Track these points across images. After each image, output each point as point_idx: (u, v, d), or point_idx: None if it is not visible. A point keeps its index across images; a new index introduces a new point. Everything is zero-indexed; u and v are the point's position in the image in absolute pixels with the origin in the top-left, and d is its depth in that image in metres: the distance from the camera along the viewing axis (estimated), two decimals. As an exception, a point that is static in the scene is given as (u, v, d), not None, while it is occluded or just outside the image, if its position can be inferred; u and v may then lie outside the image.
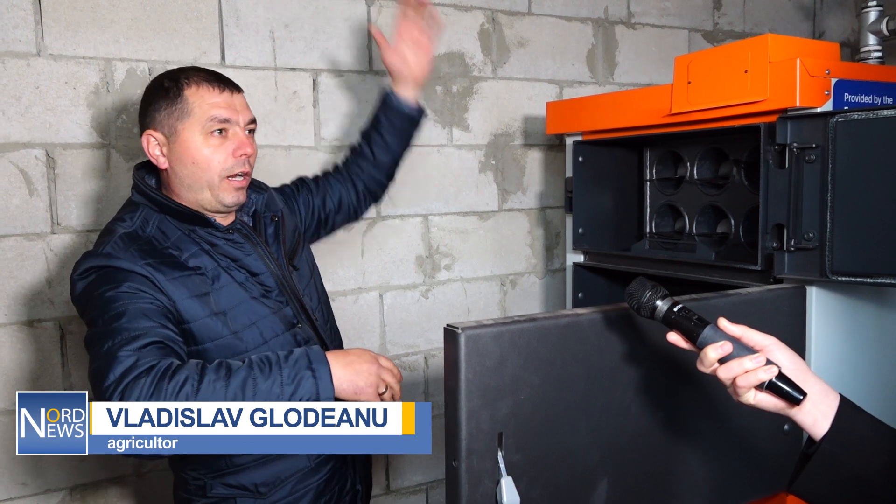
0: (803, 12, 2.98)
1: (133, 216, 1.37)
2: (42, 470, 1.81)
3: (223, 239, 1.40)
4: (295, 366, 1.20)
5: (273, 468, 1.41)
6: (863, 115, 1.35)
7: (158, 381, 1.13)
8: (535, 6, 2.41)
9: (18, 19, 1.73)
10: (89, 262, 1.30)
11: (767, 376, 0.94)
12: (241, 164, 1.39)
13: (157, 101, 1.36)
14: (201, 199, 1.39)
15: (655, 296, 1.05)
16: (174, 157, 1.37)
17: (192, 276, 1.33)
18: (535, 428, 1.11)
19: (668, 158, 2.05)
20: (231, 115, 1.38)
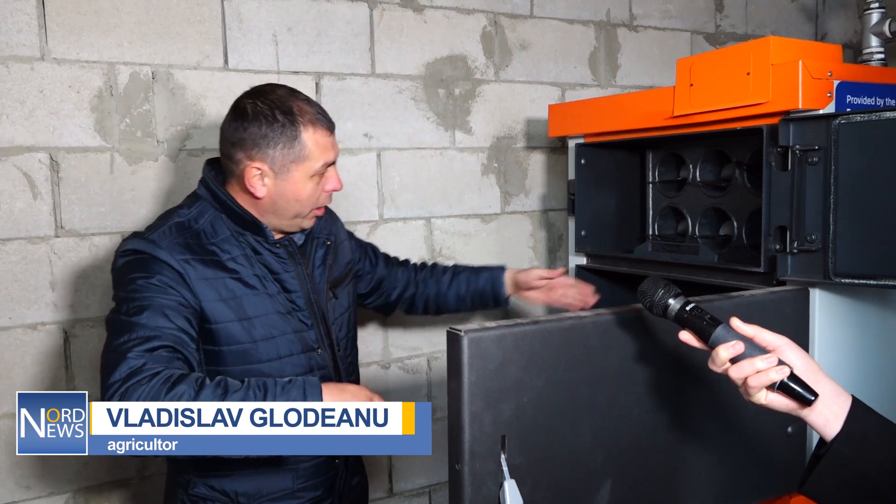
0: (805, 14, 2.98)
1: (192, 207, 1.43)
2: (46, 473, 1.82)
3: (269, 250, 1.44)
4: (288, 393, 1.20)
5: (256, 481, 1.42)
6: (865, 117, 1.35)
7: (158, 388, 1.16)
8: (537, 9, 2.42)
9: (22, 24, 1.73)
10: (135, 243, 1.35)
11: (779, 376, 0.94)
12: (328, 197, 1.48)
13: (271, 136, 1.36)
14: (285, 223, 1.45)
15: (668, 294, 1.05)
16: (277, 190, 1.40)
17: (226, 279, 1.37)
18: (539, 430, 1.11)
19: (671, 161, 2.04)
20: (335, 156, 1.45)
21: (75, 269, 1.82)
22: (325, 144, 1.41)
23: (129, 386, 1.16)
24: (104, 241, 1.84)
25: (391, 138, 2.19)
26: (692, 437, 1.29)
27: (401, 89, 2.20)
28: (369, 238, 2.17)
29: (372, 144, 2.17)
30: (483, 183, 2.36)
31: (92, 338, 1.85)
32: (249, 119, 1.38)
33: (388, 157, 2.19)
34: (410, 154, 2.22)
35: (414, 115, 2.23)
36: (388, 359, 2.24)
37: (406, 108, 2.21)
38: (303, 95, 1.45)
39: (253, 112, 1.38)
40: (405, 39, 2.20)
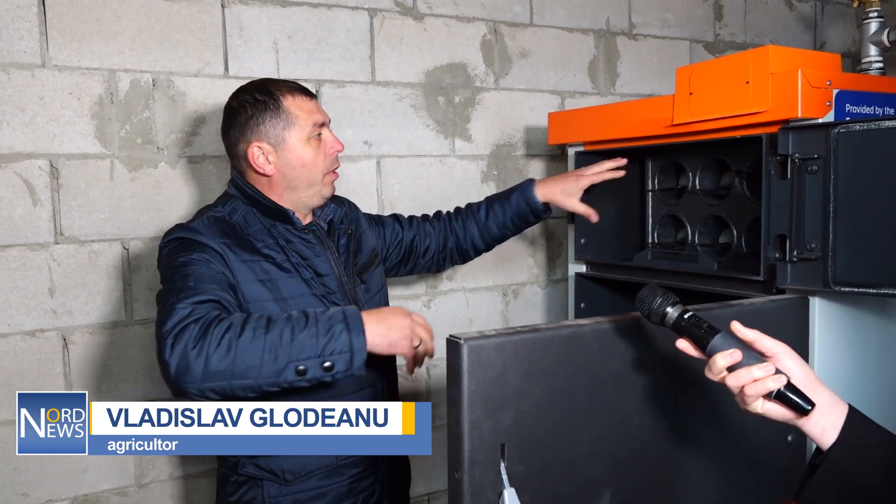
0: (804, 23, 2.99)
1: (225, 205, 1.52)
2: (44, 480, 1.81)
3: (298, 237, 1.52)
4: (330, 320, 1.26)
5: (301, 458, 1.46)
6: (864, 126, 1.35)
7: (206, 326, 1.21)
8: (537, 17, 2.42)
9: (23, 31, 1.74)
10: (177, 233, 1.43)
11: (776, 385, 0.94)
12: (335, 159, 1.57)
13: (259, 115, 1.48)
14: (305, 196, 1.54)
15: (666, 302, 1.06)
16: (283, 163, 1.50)
17: (262, 262, 1.45)
18: (538, 439, 1.10)
19: (670, 169, 2.05)
20: (324, 119, 1.55)
21: (75, 276, 1.82)
22: (309, 108, 1.51)
23: (179, 329, 1.21)
24: (104, 247, 1.84)
25: (391, 146, 2.20)
26: (692, 445, 1.29)
27: (401, 97, 2.21)
28: (369, 245, 2.17)
29: (372, 152, 2.17)
30: (483, 190, 2.36)
31: (91, 345, 1.84)
32: (236, 111, 1.50)
33: (387, 164, 2.20)
34: (410, 161, 2.23)
35: (414, 122, 2.23)
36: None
37: (406, 115, 2.22)
38: (279, 79, 1.58)
39: (237, 104, 1.51)
40: (405, 47, 2.20)
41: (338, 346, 1.24)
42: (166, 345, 1.20)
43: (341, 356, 1.24)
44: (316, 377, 1.24)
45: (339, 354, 1.24)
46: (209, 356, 1.19)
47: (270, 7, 2.00)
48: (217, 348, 1.19)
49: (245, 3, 1.97)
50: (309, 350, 1.23)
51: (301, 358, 1.22)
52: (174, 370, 1.19)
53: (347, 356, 1.24)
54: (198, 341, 1.20)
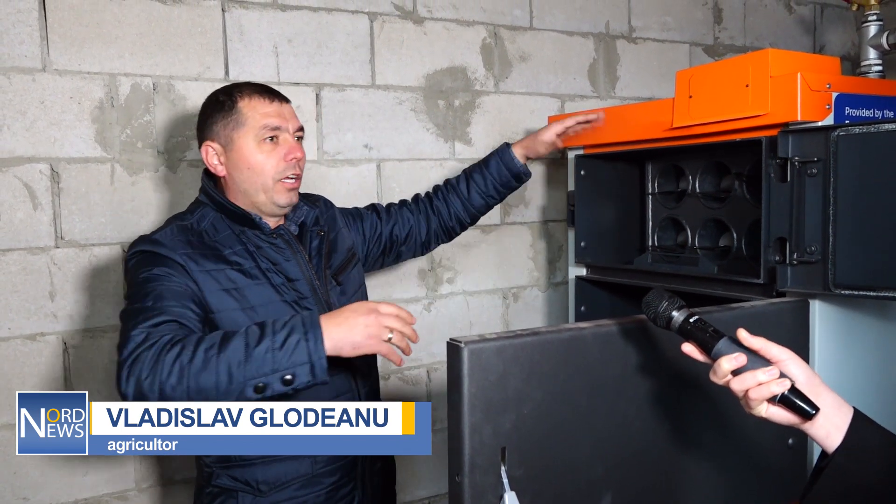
0: (804, 27, 2.99)
1: (194, 212, 1.50)
2: (43, 484, 1.81)
3: (267, 242, 1.49)
4: (286, 330, 1.21)
5: (276, 469, 1.44)
6: (864, 129, 1.35)
7: (158, 353, 1.19)
8: (537, 21, 2.43)
9: (24, 35, 1.74)
10: (140, 245, 1.41)
11: (780, 389, 0.94)
12: (291, 167, 1.49)
13: (213, 115, 1.48)
14: (257, 201, 1.49)
15: (672, 306, 1.06)
16: (231, 164, 1.48)
17: (228, 270, 1.42)
18: (539, 442, 1.10)
19: (670, 172, 2.05)
20: (281, 123, 1.48)
21: (75, 280, 1.82)
22: (265, 111, 1.47)
23: (134, 357, 1.19)
24: (104, 251, 1.84)
25: (391, 149, 2.20)
26: (693, 448, 1.29)
27: (401, 100, 2.21)
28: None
29: (372, 155, 2.17)
30: (483, 194, 2.36)
31: (91, 348, 1.84)
32: (201, 110, 1.52)
33: (387, 167, 2.20)
34: (410, 165, 2.23)
35: (414, 126, 2.23)
36: (387, 370, 2.24)
37: (406, 119, 2.22)
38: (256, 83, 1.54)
39: (203, 104, 1.52)
40: (405, 51, 2.21)
41: (296, 357, 1.19)
42: (122, 375, 1.18)
43: (301, 368, 1.20)
44: (277, 391, 1.20)
45: (299, 366, 1.19)
46: (163, 384, 1.16)
47: (271, 11, 2.01)
48: (169, 376, 1.16)
49: (245, 7, 1.97)
50: (265, 366, 1.18)
51: (258, 375, 1.18)
52: (129, 397, 1.17)
53: (307, 367, 1.20)
54: (150, 370, 1.17)
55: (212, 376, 1.17)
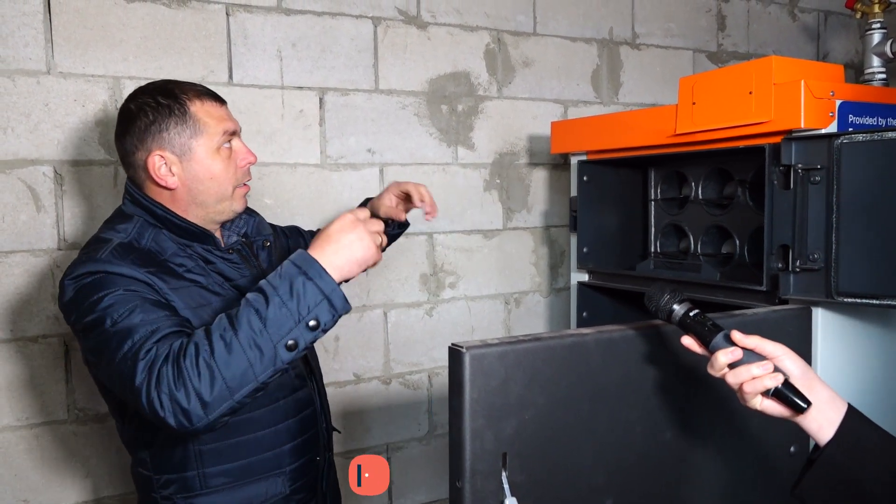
0: (807, 34, 3.00)
1: (127, 227, 1.32)
2: (45, 486, 1.81)
3: (220, 258, 1.38)
4: (287, 279, 1.13)
5: (247, 491, 1.36)
6: (867, 137, 1.35)
7: (175, 363, 1.10)
8: (540, 27, 2.43)
9: (29, 38, 1.75)
10: (85, 267, 1.23)
11: (773, 383, 0.97)
12: (246, 173, 1.41)
13: (161, 121, 1.30)
14: (213, 212, 1.37)
15: (673, 300, 1.08)
16: (189, 175, 1.33)
17: (190, 287, 1.30)
18: (540, 448, 1.10)
19: (673, 178, 2.05)
20: (235, 127, 1.38)
21: (77, 282, 1.82)
22: (218, 115, 1.35)
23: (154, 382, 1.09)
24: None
25: (394, 154, 2.20)
26: (694, 455, 1.29)
27: (404, 105, 2.21)
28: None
29: (375, 160, 2.18)
30: (485, 199, 2.36)
31: (93, 351, 1.84)
32: (135, 115, 1.32)
33: (390, 172, 2.20)
34: (413, 169, 2.23)
35: (417, 130, 2.24)
36: (388, 374, 2.24)
37: (409, 123, 2.22)
38: (183, 81, 1.40)
39: (137, 108, 1.32)
40: (409, 56, 2.21)
41: (310, 300, 1.12)
42: (152, 401, 1.09)
43: (320, 307, 1.12)
44: (309, 340, 1.13)
45: (317, 307, 1.12)
46: (199, 392, 1.08)
47: (275, 15, 2.01)
48: (200, 378, 1.08)
49: (249, 12, 1.98)
50: (287, 322, 1.11)
51: (285, 334, 1.11)
52: (175, 422, 1.09)
53: (326, 304, 1.13)
54: (180, 384, 1.08)
55: (241, 358, 1.09)
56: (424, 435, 2.31)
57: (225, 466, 1.34)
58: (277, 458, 1.40)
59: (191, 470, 1.32)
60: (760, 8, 2.88)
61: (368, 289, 2.19)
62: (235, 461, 1.35)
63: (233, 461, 1.35)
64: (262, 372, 1.11)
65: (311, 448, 1.48)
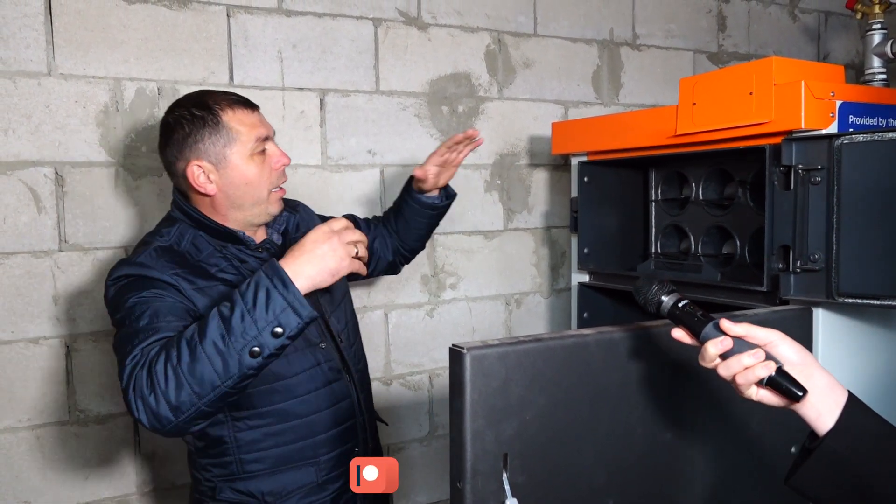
0: (808, 34, 3.00)
1: (170, 231, 1.44)
2: (45, 488, 1.81)
3: (252, 256, 1.45)
4: (254, 288, 1.20)
5: (281, 479, 1.43)
6: (868, 138, 1.35)
7: (149, 369, 1.18)
8: (541, 28, 2.43)
9: (30, 39, 1.75)
10: (123, 269, 1.35)
11: (766, 373, 0.93)
12: (281, 175, 1.48)
13: (196, 132, 1.39)
14: (251, 215, 1.46)
15: (662, 291, 1.05)
16: (225, 181, 1.41)
17: (219, 285, 1.38)
18: (541, 449, 1.10)
19: (674, 179, 2.05)
20: (268, 132, 1.46)
21: (78, 284, 1.82)
22: (250, 122, 1.43)
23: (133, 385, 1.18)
24: (107, 255, 1.85)
25: (395, 155, 2.20)
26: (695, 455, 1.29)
27: (405, 106, 2.21)
28: (372, 254, 2.18)
29: (375, 161, 2.18)
30: (486, 200, 2.36)
31: (94, 352, 1.85)
32: (172, 128, 1.42)
33: (391, 173, 2.20)
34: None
35: (417, 131, 2.24)
36: (389, 375, 2.24)
37: (410, 124, 2.22)
38: (217, 90, 1.48)
39: (174, 120, 1.42)
40: (409, 57, 2.21)
41: (274, 307, 1.18)
42: (130, 405, 1.18)
43: (284, 315, 1.18)
44: (274, 347, 1.19)
45: (281, 314, 1.18)
46: (167, 396, 1.15)
47: (275, 16, 2.01)
48: (167, 382, 1.15)
49: (250, 13, 1.98)
50: (249, 330, 1.17)
51: (247, 341, 1.17)
52: (148, 423, 1.17)
53: (290, 311, 1.19)
54: (150, 387, 1.16)
55: (205, 364, 1.16)
56: (425, 436, 2.31)
57: (259, 454, 1.42)
58: (312, 448, 1.45)
59: (228, 456, 1.41)
60: (761, 8, 2.88)
61: (369, 289, 2.20)
62: (269, 449, 1.42)
63: (267, 449, 1.42)
64: (227, 378, 1.18)
65: (349, 439, 1.52)
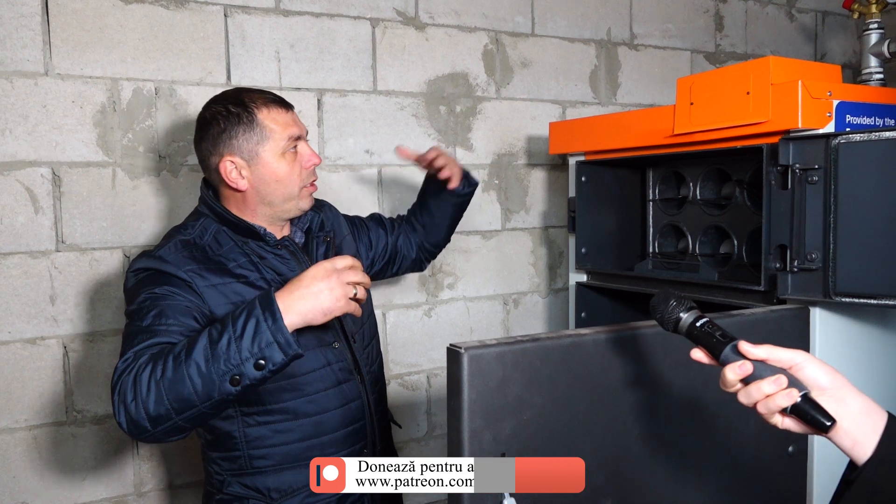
0: (805, 34, 3.00)
1: (195, 224, 1.47)
2: (43, 489, 1.81)
3: (272, 253, 1.47)
4: (245, 315, 1.20)
5: (287, 476, 1.44)
6: (864, 137, 1.35)
7: (137, 374, 1.19)
8: (539, 27, 2.43)
9: (27, 39, 1.75)
10: (144, 262, 1.39)
11: (788, 402, 0.86)
12: (312, 173, 1.51)
13: (231, 128, 1.42)
14: (281, 210, 1.48)
15: (679, 308, 0.98)
16: (257, 178, 1.44)
17: (234, 283, 1.40)
18: (538, 449, 1.10)
19: (671, 178, 2.05)
20: (300, 132, 1.49)
21: (76, 284, 1.82)
22: (284, 121, 1.46)
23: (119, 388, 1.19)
24: (105, 255, 1.85)
25: (392, 155, 2.20)
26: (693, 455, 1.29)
27: (402, 106, 2.21)
28: (370, 254, 2.18)
29: (373, 161, 2.18)
30: (484, 199, 2.36)
31: (91, 352, 1.84)
32: (209, 123, 1.45)
33: (389, 173, 2.20)
34: (412, 171, 2.23)
35: (415, 131, 2.24)
36: (387, 375, 2.23)
37: (407, 124, 2.22)
38: (254, 88, 1.51)
39: (210, 116, 1.45)
40: (407, 57, 2.21)
41: (260, 340, 1.18)
42: (113, 403, 1.19)
43: (269, 349, 1.18)
44: (255, 378, 1.18)
45: (266, 348, 1.18)
46: (146, 406, 1.16)
47: (273, 16, 2.01)
48: (149, 394, 1.16)
49: (248, 13, 1.98)
50: (232, 357, 1.17)
51: (228, 369, 1.17)
52: (127, 428, 1.19)
53: (275, 346, 1.18)
54: (133, 394, 1.17)
55: (185, 384, 1.16)
56: (423, 436, 2.31)
57: (267, 450, 1.43)
58: (319, 447, 1.46)
59: (237, 451, 1.43)
60: (758, 8, 2.88)
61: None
62: (277, 447, 1.44)
63: (274, 446, 1.44)
64: (204, 400, 1.18)
65: (358, 440, 1.53)
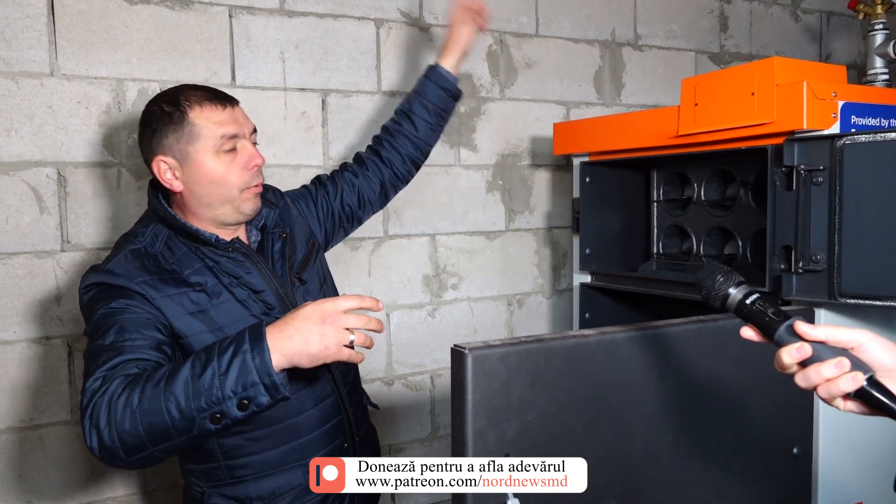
0: (810, 35, 2.99)
1: (145, 231, 1.39)
2: (47, 487, 1.81)
3: (224, 257, 1.39)
4: (232, 350, 1.12)
5: (269, 482, 1.40)
6: (870, 138, 1.35)
7: (112, 398, 1.11)
8: (543, 28, 2.43)
9: (32, 40, 1.75)
10: (93, 276, 1.32)
11: (853, 386, 0.80)
12: (255, 175, 1.41)
13: (162, 128, 1.35)
14: (221, 213, 1.40)
15: (728, 283, 0.93)
16: (190, 179, 1.37)
17: (190, 292, 1.33)
18: (542, 449, 1.10)
19: (676, 179, 2.05)
20: (237, 130, 1.38)
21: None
22: (218, 118, 1.36)
23: (92, 408, 1.12)
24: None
25: (396, 155, 2.20)
26: (697, 457, 1.29)
27: (406, 107, 2.21)
28: (373, 255, 2.18)
29: (377, 161, 2.18)
30: (488, 200, 2.36)
31: (96, 352, 1.85)
32: (145, 122, 1.38)
33: (393, 173, 2.20)
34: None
35: (419, 132, 2.23)
36: (391, 375, 2.24)
37: (412, 125, 2.22)
38: (197, 85, 1.42)
39: (145, 115, 1.39)
40: (411, 58, 2.21)
41: (245, 379, 1.10)
42: (84, 430, 1.12)
43: (254, 388, 1.11)
44: (237, 417, 1.12)
45: (251, 388, 1.11)
46: (121, 433, 1.10)
47: (277, 17, 2.02)
48: (123, 422, 1.09)
49: (252, 13, 1.98)
50: (214, 394, 1.09)
51: (210, 405, 1.10)
52: (100, 455, 1.12)
53: (261, 387, 1.11)
54: (107, 419, 1.10)
55: (163, 417, 1.09)
56: (427, 436, 2.31)
57: (245, 460, 1.39)
58: (298, 450, 1.42)
59: (213, 462, 1.39)
60: (763, 9, 2.88)
61: (371, 290, 2.20)
62: (254, 455, 1.39)
63: (251, 455, 1.39)
64: (181, 434, 1.11)
65: (337, 435, 1.50)
